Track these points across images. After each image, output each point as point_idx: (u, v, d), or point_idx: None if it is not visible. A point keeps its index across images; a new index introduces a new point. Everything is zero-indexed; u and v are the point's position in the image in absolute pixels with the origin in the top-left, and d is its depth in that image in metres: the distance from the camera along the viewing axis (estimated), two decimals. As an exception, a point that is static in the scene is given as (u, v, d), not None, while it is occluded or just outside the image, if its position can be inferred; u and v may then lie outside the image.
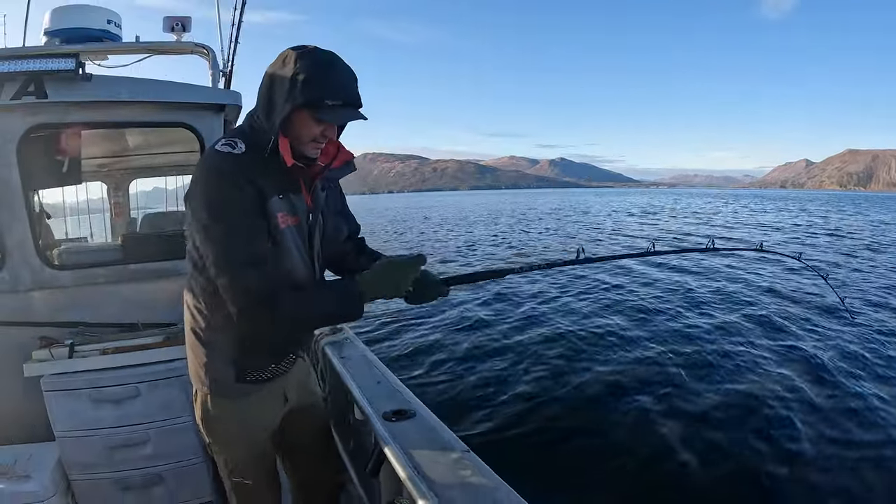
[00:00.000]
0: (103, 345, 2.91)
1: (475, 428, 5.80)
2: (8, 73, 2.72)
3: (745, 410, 6.10)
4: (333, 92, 1.62)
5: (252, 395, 1.93)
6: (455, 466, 1.63)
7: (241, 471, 2.02)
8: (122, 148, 4.69)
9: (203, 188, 1.64)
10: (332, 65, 1.65)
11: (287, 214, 1.76)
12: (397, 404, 2.09)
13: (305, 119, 1.66)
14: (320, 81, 1.60)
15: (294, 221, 1.80)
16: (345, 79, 1.66)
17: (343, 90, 1.65)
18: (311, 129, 1.69)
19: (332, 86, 1.62)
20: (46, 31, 3.36)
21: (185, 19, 3.53)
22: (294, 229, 1.80)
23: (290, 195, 1.77)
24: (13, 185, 2.89)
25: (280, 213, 1.73)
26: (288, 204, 1.76)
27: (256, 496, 2.08)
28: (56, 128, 3.07)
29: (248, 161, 1.66)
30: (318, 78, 1.60)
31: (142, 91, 2.97)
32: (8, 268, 2.97)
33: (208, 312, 1.81)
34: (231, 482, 2.04)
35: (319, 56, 1.64)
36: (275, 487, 2.17)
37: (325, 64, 1.63)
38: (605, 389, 6.74)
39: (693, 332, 9.15)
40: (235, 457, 2.00)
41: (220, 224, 1.61)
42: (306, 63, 1.60)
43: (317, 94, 1.60)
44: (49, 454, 2.77)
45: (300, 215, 1.82)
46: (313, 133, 1.70)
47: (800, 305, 10.82)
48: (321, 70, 1.61)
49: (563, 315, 10.62)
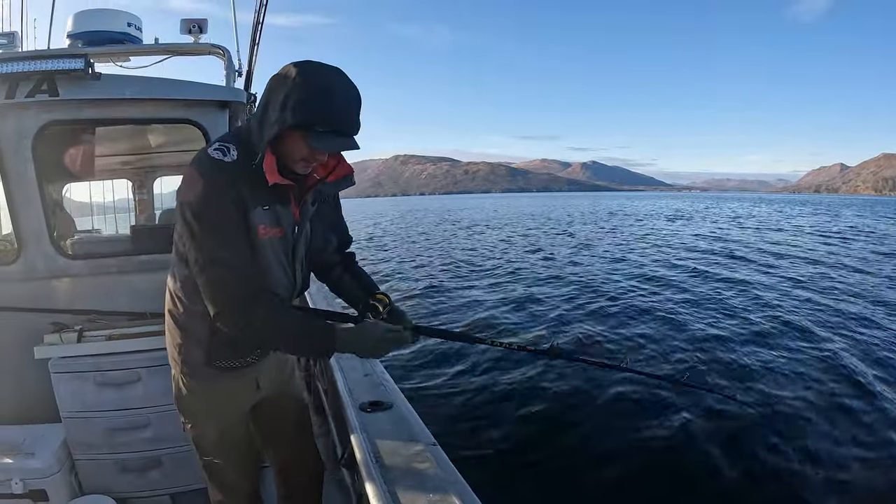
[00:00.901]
0: (110, 331, 3.01)
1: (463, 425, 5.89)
2: (22, 73, 2.85)
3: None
4: (325, 119, 1.59)
5: (221, 380, 1.98)
6: (415, 458, 1.65)
7: (210, 450, 2.08)
8: (144, 146, 4.85)
9: (189, 189, 1.66)
10: (328, 90, 1.60)
11: (269, 226, 1.77)
12: (377, 396, 2.12)
13: (296, 139, 1.65)
14: (313, 106, 1.57)
15: (277, 233, 1.81)
16: (340, 106, 1.62)
17: (336, 118, 1.61)
18: (300, 149, 1.67)
19: (325, 112, 1.58)
20: (69, 34, 3.50)
21: (202, 21, 3.63)
22: (276, 240, 1.82)
23: (276, 206, 1.77)
24: (29, 178, 3.02)
25: (262, 224, 1.74)
26: (272, 216, 1.77)
27: (226, 476, 2.14)
28: (69, 124, 3.19)
29: (237, 169, 1.67)
30: (312, 102, 1.57)
31: (148, 89, 3.07)
32: (24, 257, 3.11)
33: (187, 300, 1.87)
34: (202, 461, 2.12)
35: (318, 79, 1.60)
36: (247, 470, 2.22)
37: (321, 88, 1.59)
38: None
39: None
40: (205, 436, 2.07)
41: (201, 226, 1.64)
42: (303, 84, 1.58)
43: (308, 118, 1.57)
44: (55, 434, 2.89)
45: (285, 227, 1.84)
46: (303, 153, 1.69)
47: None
48: (316, 94, 1.58)
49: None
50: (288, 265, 1.91)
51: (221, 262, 1.64)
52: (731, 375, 7.14)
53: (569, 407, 6.29)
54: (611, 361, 2.33)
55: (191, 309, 1.86)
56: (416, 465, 1.62)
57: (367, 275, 2.24)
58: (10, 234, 3.27)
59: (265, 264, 1.80)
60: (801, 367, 7.35)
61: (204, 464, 2.12)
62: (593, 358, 2.28)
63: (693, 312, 10.47)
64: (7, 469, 2.69)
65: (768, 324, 9.53)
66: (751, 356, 7.79)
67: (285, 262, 1.90)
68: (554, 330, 9.54)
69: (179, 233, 1.73)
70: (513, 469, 4.94)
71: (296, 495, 2.38)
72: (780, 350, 8.08)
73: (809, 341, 8.46)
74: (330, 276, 2.23)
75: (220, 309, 1.68)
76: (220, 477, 2.14)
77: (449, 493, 1.45)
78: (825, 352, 7.94)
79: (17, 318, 3.08)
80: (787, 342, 8.46)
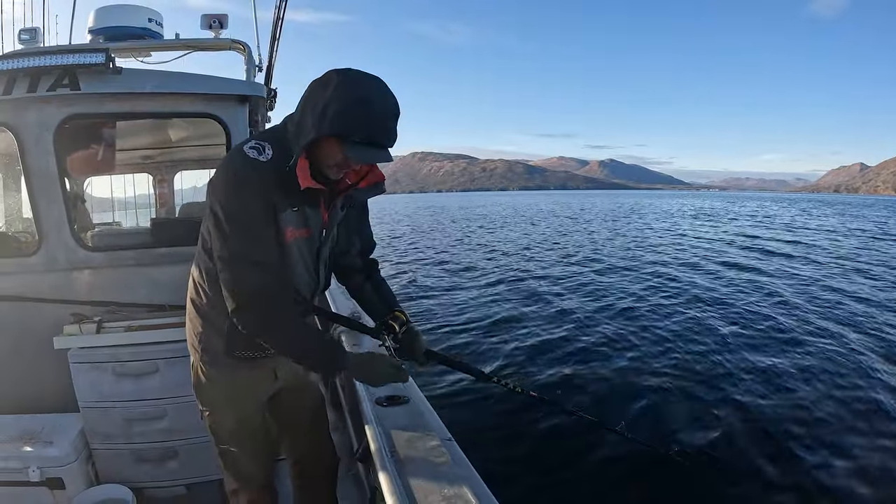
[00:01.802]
0: (129, 322, 3.03)
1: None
2: (44, 67, 2.88)
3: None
4: (363, 129, 1.59)
5: (240, 370, 1.99)
6: (431, 453, 1.64)
7: (227, 439, 2.09)
8: (165, 140, 4.87)
9: (222, 185, 1.69)
10: (367, 101, 1.60)
11: (297, 228, 1.79)
12: (393, 391, 2.11)
13: (332, 146, 1.66)
14: (351, 116, 1.57)
15: (304, 234, 1.83)
16: (377, 118, 1.61)
17: (373, 129, 1.61)
18: (335, 156, 1.68)
19: (363, 123, 1.59)
20: (91, 29, 3.54)
21: (223, 17, 3.64)
22: (302, 241, 1.83)
23: (305, 208, 1.79)
24: (50, 171, 3.05)
25: (289, 227, 1.76)
26: (301, 217, 1.79)
27: (242, 465, 2.15)
28: (89, 118, 3.21)
29: (271, 170, 1.68)
30: (350, 112, 1.57)
31: (168, 83, 3.08)
32: (44, 248, 3.13)
33: (210, 291, 1.88)
34: (218, 448, 2.13)
35: (358, 89, 1.60)
36: (263, 461, 2.23)
37: (360, 99, 1.59)
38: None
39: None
40: (222, 424, 2.08)
41: (230, 223, 1.66)
42: (343, 94, 1.58)
43: (344, 128, 1.58)
44: (73, 424, 2.91)
45: (313, 228, 1.85)
46: (337, 160, 1.69)
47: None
48: (355, 105, 1.58)
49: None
50: (312, 265, 1.93)
51: (246, 260, 1.66)
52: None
53: (589, 408, 6.18)
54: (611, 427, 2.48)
55: (213, 299, 1.88)
56: (432, 459, 1.61)
57: (387, 287, 2.25)
58: (30, 226, 3.30)
59: (291, 263, 1.83)
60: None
61: (220, 452, 2.13)
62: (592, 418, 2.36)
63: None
64: (25, 457, 2.71)
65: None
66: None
67: (310, 262, 1.91)
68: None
69: (208, 227, 1.75)
70: (529, 467, 4.90)
71: (310, 487, 2.38)
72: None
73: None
74: (351, 281, 2.25)
75: (238, 305, 1.69)
76: (236, 465, 2.15)
77: (464, 488, 1.43)
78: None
79: (37, 308, 3.11)
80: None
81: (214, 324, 1.91)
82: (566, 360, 7.73)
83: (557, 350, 8.17)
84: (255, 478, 2.20)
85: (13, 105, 2.97)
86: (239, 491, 2.20)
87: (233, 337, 1.89)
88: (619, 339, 8.66)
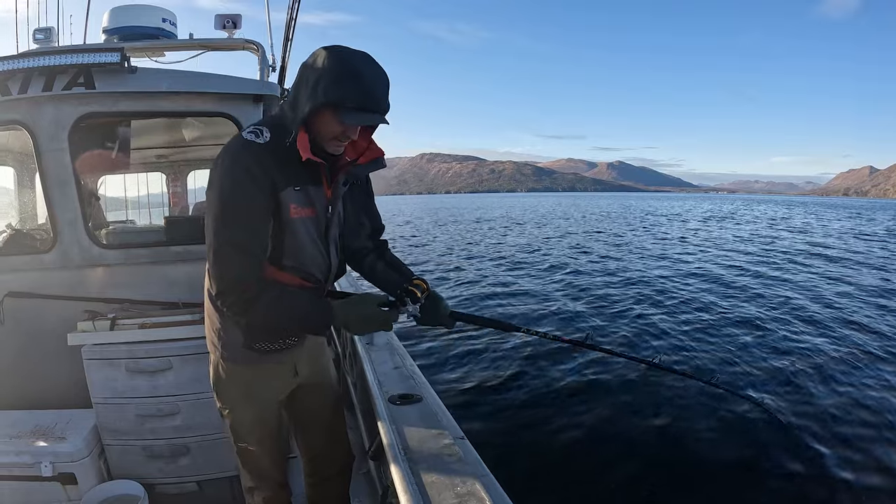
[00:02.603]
0: (142, 319, 3.02)
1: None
2: (60, 66, 2.90)
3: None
4: (356, 95, 1.62)
5: (261, 364, 1.97)
6: (443, 451, 1.63)
7: (246, 436, 2.07)
8: (179, 140, 4.88)
9: (218, 170, 1.68)
10: (358, 68, 1.63)
11: (301, 206, 1.78)
12: (407, 389, 2.10)
13: (327, 118, 1.68)
14: (343, 83, 1.60)
15: (309, 213, 1.82)
16: (369, 83, 1.65)
17: (366, 94, 1.64)
18: (332, 127, 1.70)
19: (356, 89, 1.62)
20: (105, 29, 3.56)
21: (236, 17, 3.65)
22: (309, 220, 1.83)
23: (308, 187, 1.79)
24: (65, 169, 3.06)
25: (293, 204, 1.75)
26: (304, 196, 1.79)
27: (260, 463, 2.12)
28: (104, 117, 3.20)
29: (269, 151, 1.69)
30: (342, 80, 1.60)
31: (182, 82, 3.10)
32: (59, 246, 3.15)
33: None
34: (237, 446, 2.10)
35: (347, 58, 1.64)
36: (280, 459, 2.21)
37: (350, 67, 1.63)
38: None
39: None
40: (241, 421, 2.05)
41: (220, 207, 1.65)
42: (333, 64, 1.62)
43: (338, 95, 1.61)
44: (86, 419, 2.91)
45: (317, 207, 1.84)
46: (334, 132, 1.71)
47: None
48: (346, 72, 1.61)
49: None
50: (322, 245, 1.92)
51: (229, 243, 1.65)
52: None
53: (604, 406, 6.19)
54: (647, 358, 2.29)
55: None
56: (445, 457, 1.60)
57: (401, 262, 2.21)
58: (45, 223, 3.31)
59: (299, 243, 1.82)
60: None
61: (238, 450, 2.11)
62: (629, 353, 2.27)
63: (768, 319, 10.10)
64: (38, 452, 2.71)
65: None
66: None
67: (319, 242, 1.90)
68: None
69: (206, 214, 1.73)
70: (542, 465, 4.88)
71: (324, 485, 2.35)
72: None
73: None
74: (363, 263, 2.21)
75: (219, 290, 1.69)
76: (254, 463, 2.13)
77: (476, 486, 1.42)
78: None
79: (51, 305, 3.13)
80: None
81: (231, 317, 1.89)
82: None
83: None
84: (271, 475, 2.18)
85: (29, 103, 2.99)
86: (255, 489, 2.18)
87: (251, 328, 1.88)
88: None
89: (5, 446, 2.75)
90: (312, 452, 2.33)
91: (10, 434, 2.82)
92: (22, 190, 4.47)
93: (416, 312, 1.91)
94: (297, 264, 1.84)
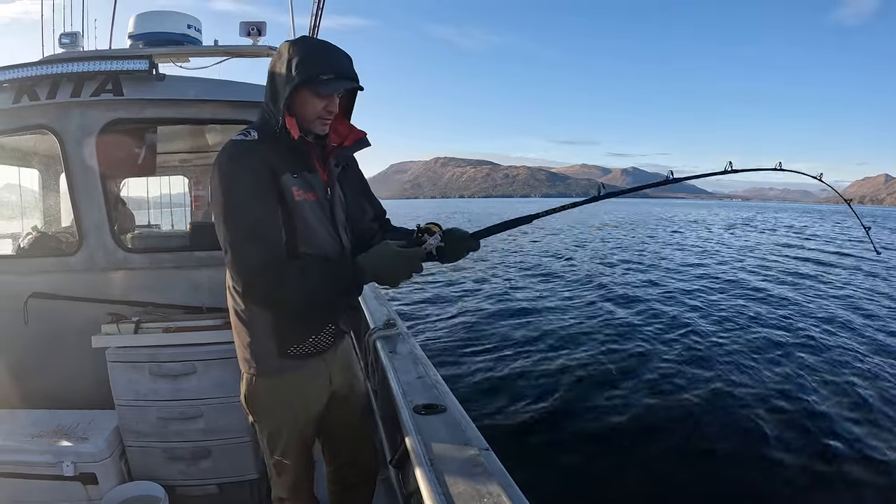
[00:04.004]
0: (167, 323, 3.03)
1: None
2: (88, 73, 2.92)
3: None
4: (327, 67, 1.72)
5: (296, 373, 1.94)
6: (469, 463, 1.61)
7: (282, 449, 2.03)
8: (202, 144, 4.89)
9: (216, 173, 1.70)
10: (322, 46, 1.78)
11: (302, 190, 1.79)
12: (430, 399, 2.08)
13: (306, 97, 1.75)
14: (313, 59, 1.71)
15: (312, 197, 1.83)
16: (337, 56, 1.77)
17: (336, 64, 1.75)
18: (313, 105, 1.77)
19: (325, 62, 1.73)
20: (130, 34, 3.57)
21: (261, 24, 3.66)
22: (314, 205, 1.83)
23: (304, 173, 1.82)
24: (92, 174, 3.08)
25: (294, 187, 1.77)
26: (303, 181, 1.80)
27: (294, 475, 2.09)
28: (131, 123, 3.21)
29: (260, 145, 1.74)
30: (311, 57, 1.71)
31: (209, 90, 3.11)
32: (85, 249, 3.16)
33: None
34: (273, 459, 2.06)
35: (310, 40, 1.82)
36: (310, 470, 2.17)
37: (315, 45, 1.78)
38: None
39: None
40: (277, 435, 2.01)
41: (227, 204, 1.67)
42: (298, 47, 1.72)
43: (311, 70, 1.70)
44: (108, 420, 2.92)
45: (317, 191, 1.86)
46: (317, 109, 1.78)
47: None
48: (313, 50, 1.74)
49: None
50: (331, 228, 1.91)
51: (244, 234, 1.65)
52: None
53: (639, 422, 6.09)
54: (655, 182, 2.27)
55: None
56: (470, 468, 1.58)
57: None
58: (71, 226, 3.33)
59: (309, 228, 1.82)
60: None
61: (274, 463, 2.06)
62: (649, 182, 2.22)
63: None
64: (60, 451, 2.72)
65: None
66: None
67: (328, 225, 1.90)
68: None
69: (215, 220, 1.74)
70: (568, 476, 4.83)
71: (349, 493, 2.32)
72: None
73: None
74: (372, 243, 2.19)
75: (247, 281, 1.67)
76: (288, 475, 2.08)
77: (503, 497, 1.40)
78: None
79: (76, 306, 3.14)
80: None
81: (261, 326, 1.87)
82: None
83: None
84: (303, 488, 2.14)
85: (57, 108, 3.01)
86: (287, 500, 2.14)
87: (283, 331, 1.86)
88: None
89: (28, 445, 2.76)
90: (340, 461, 2.29)
91: (32, 433, 2.84)
92: (47, 192, 4.49)
93: (439, 242, 1.88)
94: (312, 250, 1.82)
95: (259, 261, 1.64)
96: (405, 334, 3.05)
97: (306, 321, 1.91)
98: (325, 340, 1.97)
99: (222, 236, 1.68)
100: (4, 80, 2.91)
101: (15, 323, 3.11)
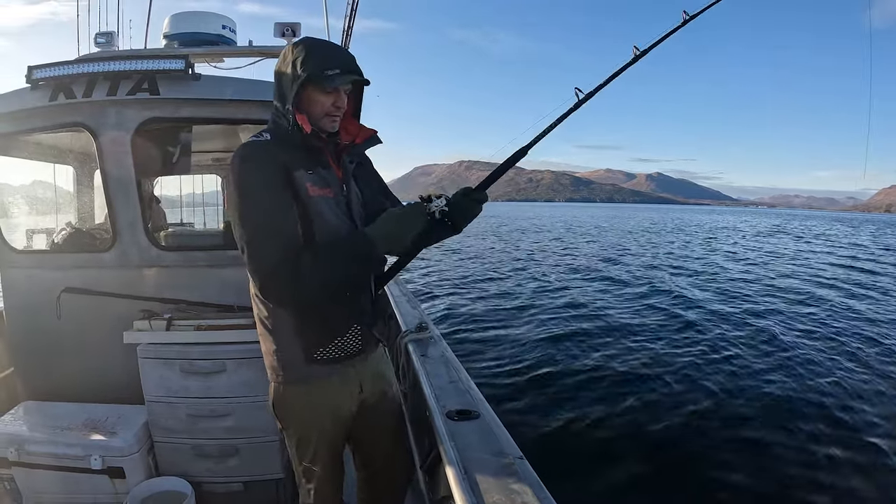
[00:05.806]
0: (198, 321, 3.03)
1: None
2: (125, 72, 2.93)
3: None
4: (332, 62, 1.73)
5: (324, 380, 1.90)
6: (503, 472, 1.58)
7: (310, 457, 1.99)
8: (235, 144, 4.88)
9: (231, 175, 1.70)
10: (324, 43, 1.82)
11: (317, 186, 1.78)
12: (464, 404, 2.04)
13: (314, 94, 1.76)
14: (316, 56, 1.72)
15: (328, 193, 1.81)
16: (339, 52, 1.82)
17: (340, 60, 1.76)
18: (321, 102, 1.78)
19: (329, 58, 1.74)
20: (165, 34, 3.59)
21: (296, 25, 3.65)
22: (330, 201, 1.81)
23: (318, 169, 1.81)
24: (127, 172, 3.08)
25: (308, 183, 1.76)
26: (317, 177, 1.79)
27: (323, 482, 2.03)
28: (167, 122, 3.21)
29: (273, 145, 1.75)
30: (314, 54, 1.72)
31: (246, 90, 3.08)
32: (118, 245, 3.17)
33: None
34: (301, 466, 2.02)
35: (312, 39, 1.81)
36: (339, 477, 2.12)
37: (318, 43, 1.78)
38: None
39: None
40: (307, 442, 1.98)
41: (243, 204, 1.65)
42: (301, 47, 1.74)
43: (316, 66, 1.71)
44: (138, 416, 2.92)
45: (333, 187, 1.84)
46: (325, 106, 1.78)
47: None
48: (315, 48, 1.75)
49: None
50: (349, 223, 1.88)
51: (260, 230, 1.63)
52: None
53: (679, 435, 5.85)
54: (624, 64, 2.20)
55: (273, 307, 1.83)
56: (504, 476, 1.55)
57: None
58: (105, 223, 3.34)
59: (327, 224, 1.79)
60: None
61: (303, 469, 2.02)
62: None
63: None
64: (89, 445, 2.74)
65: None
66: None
67: (346, 221, 1.86)
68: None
69: (231, 221, 1.73)
70: (610, 492, 4.68)
71: (380, 501, 2.27)
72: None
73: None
74: None
75: (264, 278, 1.65)
76: (316, 483, 2.03)
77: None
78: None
79: (108, 302, 3.14)
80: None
81: (286, 331, 1.84)
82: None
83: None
84: (332, 494, 2.09)
85: (93, 107, 3.02)
86: None
87: (309, 335, 1.83)
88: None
89: (57, 437, 2.77)
90: (372, 468, 2.23)
91: (62, 426, 2.85)
92: (81, 189, 4.52)
93: (444, 206, 1.82)
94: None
95: (276, 257, 1.61)
96: (437, 338, 3.02)
97: (329, 319, 1.86)
98: (352, 344, 1.92)
99: (238, 235, 1.66)
100: (41, 77, 2.92)
101: (48, 317, 3.12)
